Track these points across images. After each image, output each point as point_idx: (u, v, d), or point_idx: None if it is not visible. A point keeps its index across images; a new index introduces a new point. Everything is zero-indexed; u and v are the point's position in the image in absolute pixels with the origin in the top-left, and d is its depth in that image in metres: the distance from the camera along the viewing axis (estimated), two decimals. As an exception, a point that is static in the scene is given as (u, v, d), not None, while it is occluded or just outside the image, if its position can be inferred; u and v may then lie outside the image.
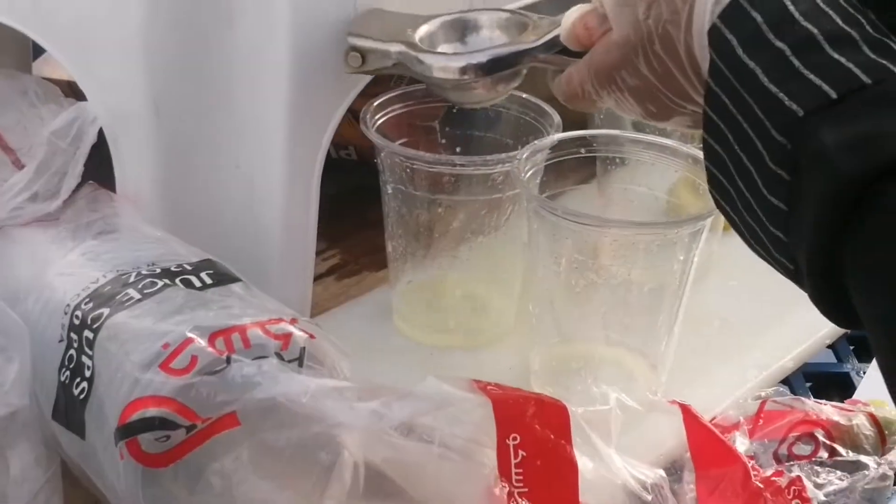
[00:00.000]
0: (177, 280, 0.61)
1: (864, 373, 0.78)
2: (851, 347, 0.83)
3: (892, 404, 0.70)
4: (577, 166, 0.75)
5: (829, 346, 0.82)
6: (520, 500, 0.54)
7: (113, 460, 0.56)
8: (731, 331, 0.78)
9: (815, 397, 0.74)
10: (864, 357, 0.80)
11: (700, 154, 0.68)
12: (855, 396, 0.75)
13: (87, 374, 0.58)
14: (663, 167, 0.71)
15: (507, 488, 0.55)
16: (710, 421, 0.68)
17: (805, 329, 0.79)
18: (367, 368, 0.66)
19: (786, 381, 0.77)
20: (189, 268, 0.62)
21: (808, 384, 0.79)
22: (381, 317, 0.79)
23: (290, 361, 0.57)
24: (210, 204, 0.75)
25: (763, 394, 0.72)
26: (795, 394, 0.76)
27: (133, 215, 0.71)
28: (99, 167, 0.75)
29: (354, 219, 0.90)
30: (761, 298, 0.81)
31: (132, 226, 0.69)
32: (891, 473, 0.62)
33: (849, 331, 0.82)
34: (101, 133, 0.73)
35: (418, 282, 0.76)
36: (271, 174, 0.74)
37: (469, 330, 0.76)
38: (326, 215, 0.90)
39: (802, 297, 0.81)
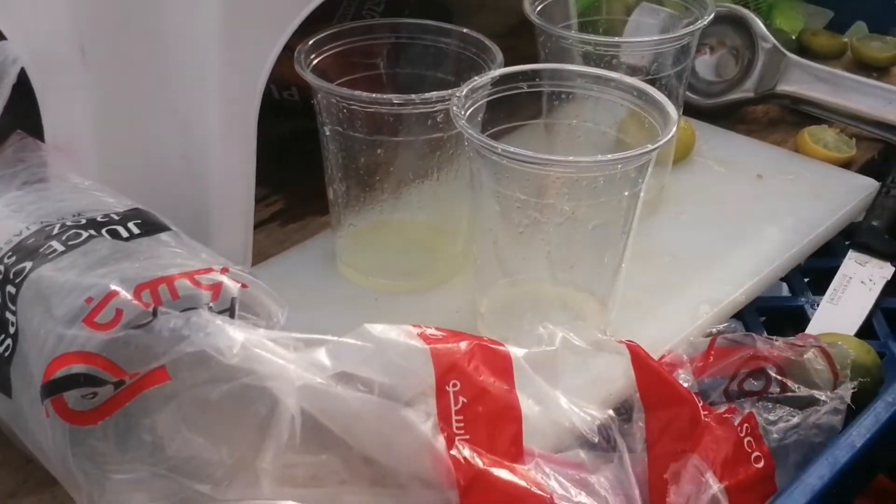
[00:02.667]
0: (103, 231, 0.58)
1: (818, 306, 0.77)
2: (806, 280, 0.81)
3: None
4: (523, 102, 0.72)
5: (784, 280, 0.81)
6: (461, 447, 0.53)
7: (40, 419, 0.54)
8: (682, 266, 0.77)
9: (769, 332, 0.73)
10: (818, 290, 0.79)
11: (647, 87, 0.67)
12: (808, 330, 0.74)
13: (11, 330, 0.56)
14: (610, 102, 0.69)
15: (448, 435, 0.53)
16: (660, 359, 0.66)
17: (757, 263, 0.77)
18: (312, 316, 0.65)
19: (739, 317, 0.76)
20: (116, 218, 0.60)
21: (763, 318, 0.78)
22: (326, 263, 0.77)
23: (220, 312, 0.55)
24: (145, 151, 0.73)
25: (714, 330, 0.71)
26: (749, 329, 0.75)
27: (62, 165, 0.68)
28: (29, 116, 0.73)
29: (299, 163, 0.87)
30: (712, 233, 0.80)
31: (61, 176, 0.67)
32: (842, 408, 0.61)
33: (801, 263, 0.81)
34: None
35: (361, 226, 0.74)
36: (207, 118, 0.72)
37: (415, 273, 0.75)
38: (270, 160, 0.88)
39: (754, 230, 0.80)
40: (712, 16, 0.77)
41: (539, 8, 0.78)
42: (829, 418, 0.61)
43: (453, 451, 0.53)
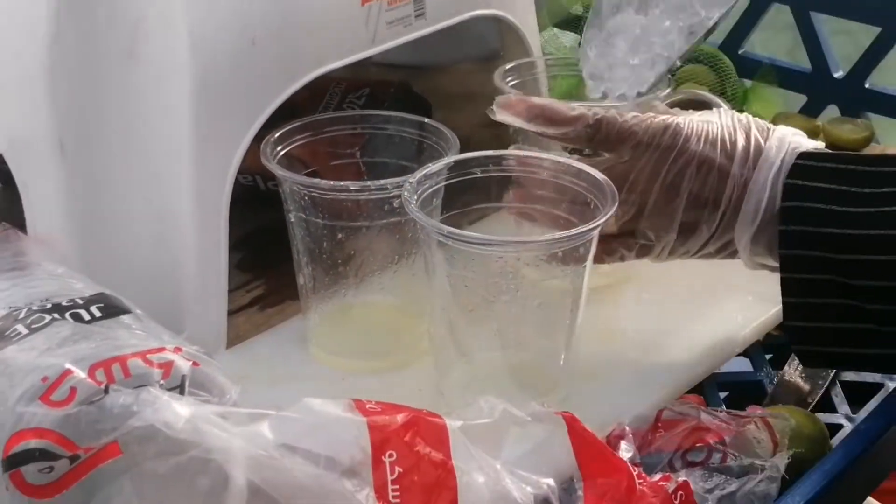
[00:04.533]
0: (66, 314, 0.62)
1: (775, 381, 0.79)
2: (768, 357, 0.83)
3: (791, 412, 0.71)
4: (481, 184, 0.76)
5: (746, 356, 0.83)
6: (396, 515, 0.55)
7: (1, 492, 0.57)
8: (642, 342, 0.79)
9: (730, 406, 0.75)
10: (778, 365, 0.81)
11: (589, 169, 0.70)
12: (764, 404, 0.76)
13: (-21, 410, 0.59)
14: (559, 184, 0.72)
15: (384, 504, 0.55)
16: (611, 433, 0.69)
17: (715, 338, 0.80)
18: (282, 395, 0.68)
19: (699, 391, 0.78)
20: (80, 302, 0.63)
21: (725, 394, 0.80)
22: (298, 345, 0.80)
23: (171, 389, 0.58)
24: (122, 240, 0.77)
25: (672, 406, 0.73)
26: (710, 404, 0.77)
27: (39, 254, 0.72)
28: (14, 208, 0.77)
29: (281, 251, 0.91)
30: (673, 309, 0.83)
31: (36, 263, 0.70)
32: (777, 475, 0.63)
33: (761, 339, 0.83)
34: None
35: (328, 310, 0.77)
36: (180, 207, 0.76)
37: (380, 354, 0.77)
38: (254, 248, 0.92)
39: (715, 307, 0.83)
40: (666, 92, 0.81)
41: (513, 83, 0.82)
42: (766, 486, 0.62)
43: (388, 520, 0.55)
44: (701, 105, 0.98)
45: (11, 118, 0.74)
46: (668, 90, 0.84)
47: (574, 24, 1.17)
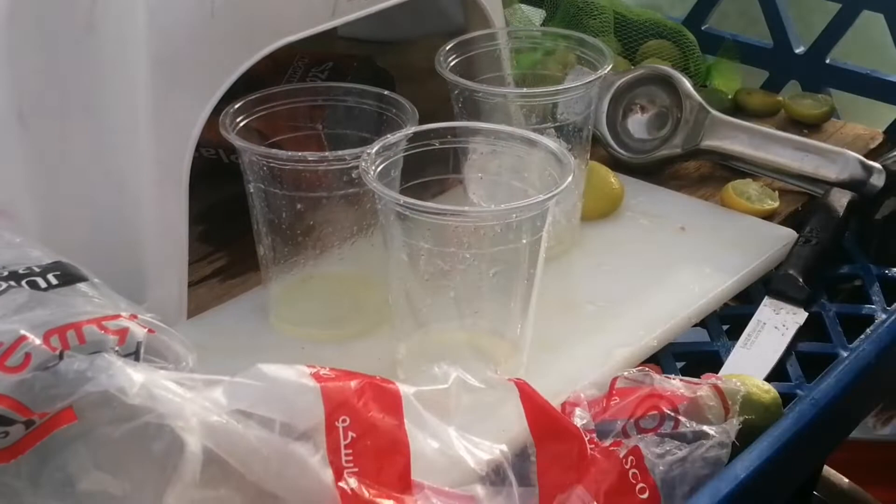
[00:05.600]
0: (22, 282, 0.62)
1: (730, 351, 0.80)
2: (725, 327, 0.84)
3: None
4: (440, 156, 0.76)
5: (703, 326, 0.84)
6: (349, 479, 0.56)
7: (-44, 458, 0.57)
8: (599, 313, 0.80)
9: (685, 375, 0.76)
10: (734, 335, 0.82)
11: (541, 139, 0.71)
12: (720, 373, 0.77)
13: (-67, 376, 0.59)
14: (518, 157, 0.73)
15: (336, 468, 0.56)
16: (566, 399, 0.70)
17: (671, 308, 0.81)
18: (241, 364, 0.68)
19: (655, 360, 0.79)
20: (37, 270, 0.63)
21: (681, 364, 0.81)
22: (258, 315, 0.80)
23: (126, 356, 0.58)
24: (82, 210, 0.77)
25: (626, 374, 0.74)
26: (666, 373, 0.78)
27: (-1, 224, 0.72)
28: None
29: (243, 223, 0.91)
30: (631, 281, 0.84)
31: (-6, 234, 0.70)
32: (728, 441, 0.64)
33: (718, 310, 0.84)
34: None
35: (288, 280, 0.78)
36: (141, 178, 0.76)
37: (339, 324, 0.78)
38: (216, 220, 0.92)
39: (672, 279, 0.84)
40: (608, 68, 0.81)
41: (457, 61, 0.82)
42: (716, 452, 0.63)
43: (341, 483, 0.56)
44: (662, 80, 0.99)
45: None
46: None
47: (540, -1, 1.18)
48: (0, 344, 0.57)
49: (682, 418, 0.66)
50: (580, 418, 0.65)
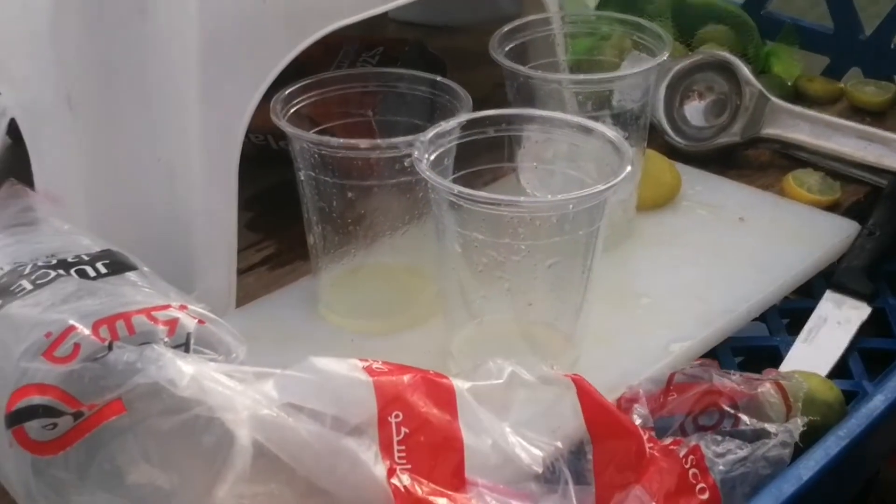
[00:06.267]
0: (71, 270, 0.61)
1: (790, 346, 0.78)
2: (785, 321, 0.82)
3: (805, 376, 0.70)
4: (494, 144, 0.75)
5: (763, 320, 0.81)
6: (402, 475, 0.55)
7: (4, 449, 0.56)
8: (656, 306, 0.78)
9: (743, 371, 0.74)
10: (797, 331, 0.79)
11: (599, 127, 0.69)
12: (780, 369, 0.75)
13: (-18, 365, 0.59)
14: (574, 145, 0.71)
15: (390, 465, 0.55)
16: (621, 395, 0.68)
17: (730, 302, 0.79)
18: (290, 355, 0.67)
19: (713, 355, 0.77)
20: (86, 258, 0.63)
21: (740, 359, 0.79)
22: (307, 305, 0.79)
23: (176, 347, 0.57)
24: (132, 197, 0.76)
25: (684, 369, 0.72)
26: (724, 368, 0.76)
27: (47, 209, 0.71)
28: (24, 163, 0.76)
29: (293, 210, 0.90)
30: (689, 274, 0.82)
31: (43, 220, 0.70)
32: (791, 441, 0.62)
33: (777, 303, 0.82)
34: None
35: (338, 270, 0.77)
36: (190, 165, 0.75)
37: (389, 315, 0.77)
38: (265, 207, 0.91)
39: (730, 271, 0.82)
40: (667, 54, 0.79)
41: (511, 46, 0.80)
42: (778, 451, 0.61)
43: (394, 480, 0.54)
44: (720, 66, 0.97)
45: (20, 74, 0.73)
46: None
47: (596, -16, 1.16)
48: (48, 334, 0.56)
49: (742, 416, 0.64)
50: (639, 415, 0.63)
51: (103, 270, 0.62)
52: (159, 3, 0.72)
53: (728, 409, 0.64)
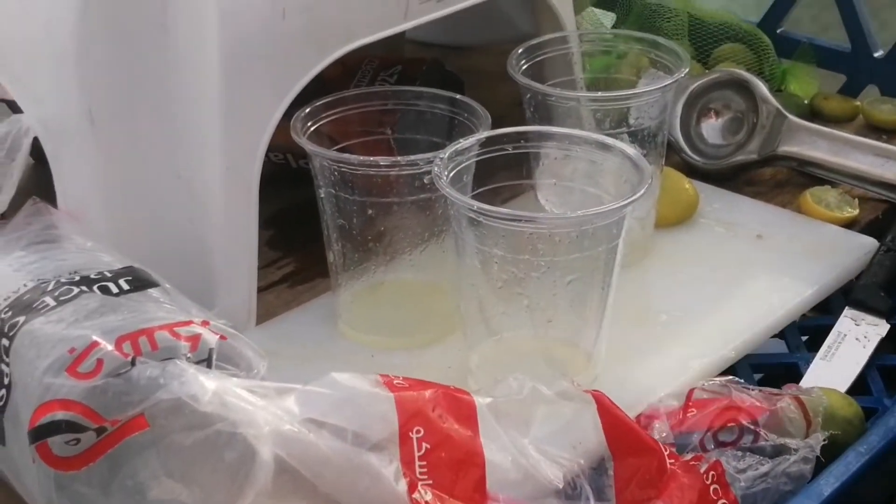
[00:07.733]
0: (94, 287, 0.62)
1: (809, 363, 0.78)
2: (804, 338, 0.82)
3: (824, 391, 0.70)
4: (512, 161, 0.75)
5: (782, 337, 0.81)
6: (424, 491, 0.55)
7: (28, 465, 0.57)
8: (675, 323, 0.78)
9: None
10: (816, 348, 0.79)
11: (618, 144, 0.69)
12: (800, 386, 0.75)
13: (5, 381, 0.59)
14: (592, 162, 0.72)
15: (411, 480, 0.55)
16: (642, 412, 0.68)
17: (749, 319, 0.79)
18: (310, 371, 0.67)
19: (732, 372, 0.77)
20: (109, 275, 0.63)
21: (759, 376, 0.79)
22: (326, 321, 0.79)
23: (198, 362, 0.58)
24: (152, 214, 0.76)
25: (703, 384, 0.72)
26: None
27: (69, 227, 0.72)
28: (47, 182, 0.77)
29: (312, 228, 0.91)
30: (707, 291, 0.82)
31: (65, 237, 0.70)
32: (812, 457, 0.62)
33: (797, 320, 0.82)
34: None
35: (358, 287, 0.77)
36: (211, 182, 0.75)
37: (409, 331, 0.77)
38: (285, 225, 0.92)
39: (749, 289, 0.82)
40: (685, 72, 0.79)
41: (528, 65, 0.81)
42: (799, 467, 0.61)
43: (415, 495, 0.55)
44: (737, 84, 0.97)
45: (41, 91, 0.74)
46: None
47: (612, 2, 1.16)
48: (72, 350, 0.56)
49: (762, 431, 0.64)
50: (659, 431, 0.63)
51: (126, 287, 0.62)
52: (180, 20, 0.72)
53: (748, 424, 0.64)
